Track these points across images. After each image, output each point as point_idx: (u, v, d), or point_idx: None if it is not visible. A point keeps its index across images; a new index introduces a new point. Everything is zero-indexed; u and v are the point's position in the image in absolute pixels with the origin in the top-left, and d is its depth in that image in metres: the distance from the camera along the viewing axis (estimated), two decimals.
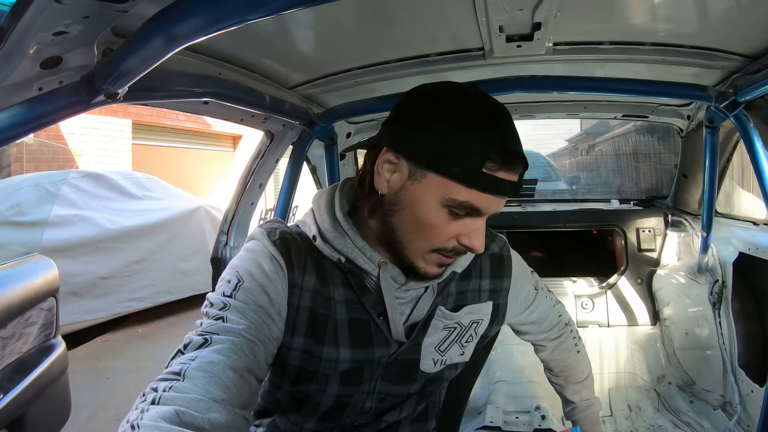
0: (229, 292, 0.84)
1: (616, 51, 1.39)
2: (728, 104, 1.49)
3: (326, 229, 0.91)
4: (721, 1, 1.13)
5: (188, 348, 0.77)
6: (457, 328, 1.01)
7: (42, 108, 0.84)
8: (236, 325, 0.80)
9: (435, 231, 0.83)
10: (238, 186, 1.81)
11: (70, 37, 0.79)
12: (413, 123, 0.83)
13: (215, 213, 6.04)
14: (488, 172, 0.78)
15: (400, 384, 0.98)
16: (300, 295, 0.89)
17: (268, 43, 1.28)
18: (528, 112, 2.29)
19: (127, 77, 0.84)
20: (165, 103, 1.29)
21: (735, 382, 2.11)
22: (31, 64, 0.81)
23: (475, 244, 0.83)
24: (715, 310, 2.25)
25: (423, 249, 0.85)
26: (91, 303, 4.67)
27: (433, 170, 0.80)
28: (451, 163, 0.78)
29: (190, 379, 0.72)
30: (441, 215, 0.81)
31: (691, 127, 2.24)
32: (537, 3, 1.08)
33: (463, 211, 0.81)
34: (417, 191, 0.82)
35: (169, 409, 0.66)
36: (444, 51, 1.44)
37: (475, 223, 0.83)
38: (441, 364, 1.00)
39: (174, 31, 0.74)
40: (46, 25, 0.74)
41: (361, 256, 0.90)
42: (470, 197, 0.79)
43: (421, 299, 0.95)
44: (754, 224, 2.08)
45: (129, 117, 8.61)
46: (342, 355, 0.92)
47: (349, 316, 0.92)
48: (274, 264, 0.88)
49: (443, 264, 0.88)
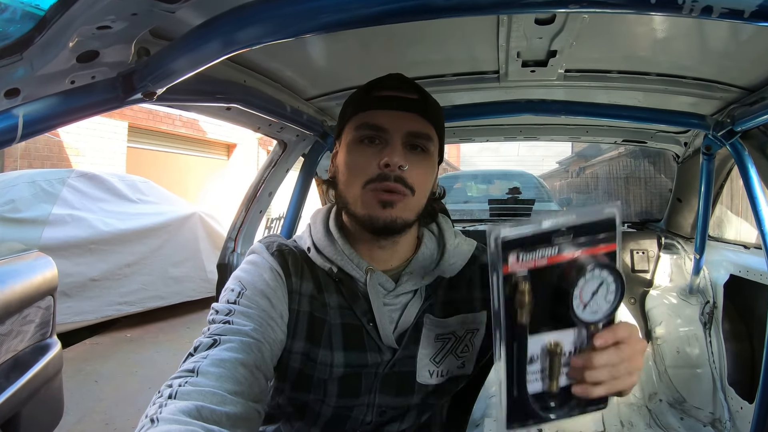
0: (233, 299, 0.89)
1: (623, 80, 1.46)
2: (725, 133, 1.56)
3: (319, 240, 0.99)
4: (722, 37, 1.19)
5: (198, 350, 0.80)
6: (451, 338, 1.01)
7: (76, 102, 0.85)
8: (243, 327, 0.84)
9: (358, 165, 0.92)
10: (247, 194, 1.83)
11: (112, 32, 0.80)
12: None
13: (209, 220, 6.02)
14: (373, 95, 0.94)
15: (398, 396, 0.99)
16: (299, 301, 0.95)
17: (291, 54, 1.32)
18: (532, 134, 2.35)
19: (170, 77, 0.86)
20: (191, 106, 1.33)
21: (725, 399, 2.17)
22: (69, 56, 0.81)
23: (391, 159, 0.89)
24: (705, 330, 2.32)
25: (358, 191, 0.91)
26: (80, 304, 4.62)
27: (344, 123, 0.98)
28: (350, 105, 0.98)
29: (204, 375, 0.74)
30: (357, 149, 0.93)
31: (687, 153, 2.32)
32: (556, 32, 1.14)
33: (368, 132, 0.92)
34: (341, 150, 0.97)
35: (188, 404, 0.68)
36: (460, 72, 1.49)
37: (387, 147, 0.91)
38: (438, 375, 1.00)
39: (230, 37, 0.76)
40: (92, 18, 0.75)
41: (349, 264, 0.95)
42: (365, 118, 0.92)
43: (409, 305, 0.98)
44: (744, 247, 2.16)
45: (125, 119, 8.57)
46: (336, 359, 0.94)
47: (343, 321, 0.96)
48: (274, 273, 0.94)
49: (383, 201, 0.89)
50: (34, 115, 0.79)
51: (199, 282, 5.67)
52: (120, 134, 8.52)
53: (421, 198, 0.94)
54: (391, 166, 0.88)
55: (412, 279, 0.98)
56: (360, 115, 0.93)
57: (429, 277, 0.99)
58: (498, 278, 0.66)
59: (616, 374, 0.68)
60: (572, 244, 0.67)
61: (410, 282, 0.98)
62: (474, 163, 17.17)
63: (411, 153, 0.92)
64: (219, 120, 1.49)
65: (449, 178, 6.24)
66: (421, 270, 1.00)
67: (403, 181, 0.90)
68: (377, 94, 0.94)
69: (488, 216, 3.52)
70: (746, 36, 1.16)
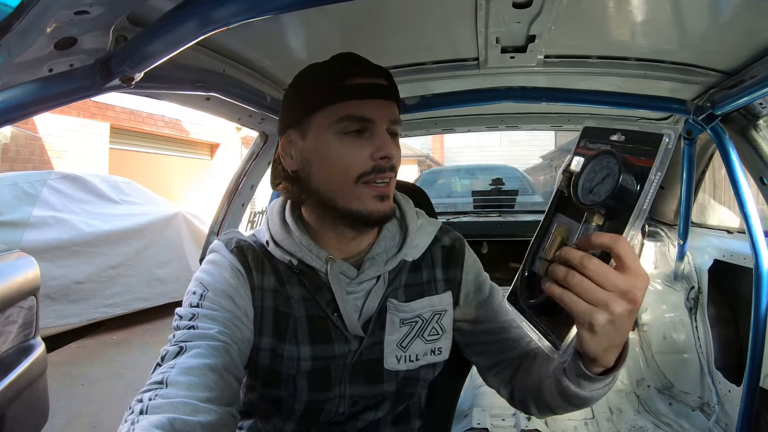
0: (195, 302, 0.88)
1: (602, 65, 1.45)
2: (705, 117, 1.57)
3: (276, 233, 0.97)
4: (701, 21, 1.20)
5: (165, 359, 0.79)
6: (418, 321, 1.00)
7: (54, 89, 0.84)
8: (208, 330, 0.83)
9: (347, 160, 0.88)
10: (229, 187, 1.80)
11: (89, 18, 0.79)
12: (286, 104, 0.96)
13: (193, 220, 5.97)
14: (349, 83, 0.87)
15: (369, 385, 0.99)
16: (262, 296, 0.94)
17: (269, 43, 1.30)
18: (513, 123, 2.34)
19: (147, 61, 0.85)
20: (171, 95, 1.30)
21: (712, 383, 2.19)
22: (46, 43, 0.80)
23: (388, 151, 0.87)
24: (691, 315, 2.33)
25: (349, 186, 0.88)
26: (65, 308, 4.57)
27: (311, 113, 0.90)
28: (319, 95, 0.89)
29: (173, 385, 0.73)
30: (342, 142, 0.88)
31: None
32: (534, 16, 1.13)
33: (355, 125, 0.88)
34: (312, 141, 0.90)
35: (161, 418, 0.66)
36: (439, 60, 1.48)
37: (377, 138, 0.88)
38: (406, 360, 0.99)
39: (205, 17, 0.75)
40: (70, 2, 0.73)
41: (308, 254, 0.94)
42: (348, 109, 0.87)
43: (372, 291, 0.97)
44: (728, 232, 2.18)
45: (107, 120, 8.48)
46: (303, 353, 0.94)
47: (308, 313, 0.95)
48: (234, 271, 0.93)
49: (381, 195, 0.89)
50: (11, 101, 0.79)
51: (185, 283, 5.46)
52: (102, 135, 8.43)
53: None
54: (389, 157, 0.88)
55: (374, 265, 0.97)
56: (339, 105, 0.87)
57: (392, 262, 0.98)
58: (570, 157, 0.76)
59: (568, 280, 0.63)
60: (622, 147, 0.71)
61: (373, 268, 0.96)
62: (458, 158, 17.24)
63: (392, 139, 0.92)
64: (199, 111, 1.47)
65: (433, 173, 6.23)
66: (383, 255, 0.99)
67: (393, 169, 0.91)
68: (355, 81, 0.88)
69: (472, 209, 3.51)
70: (725, 19, 1.17)
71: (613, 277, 0.62)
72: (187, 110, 1.57)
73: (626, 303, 0.62)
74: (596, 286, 0.62)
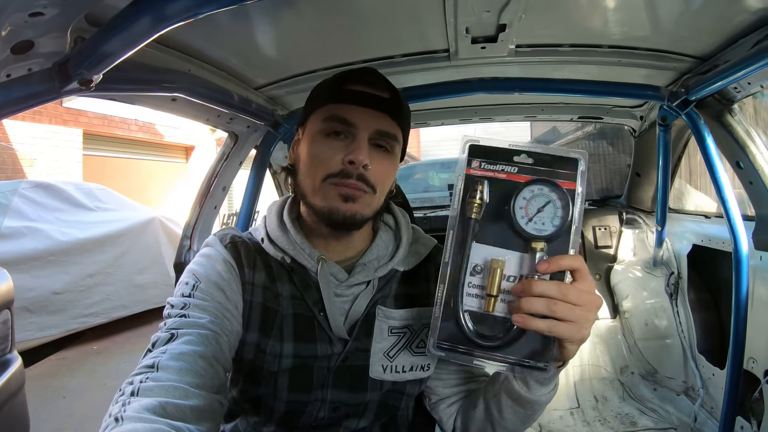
0: (188, 293, 0.89)
1: (575, 53, 1.44)
2: (680, 103, 1.57)
3: (272, 230, 1.00)
4: (673, 7, 1.19)
5: (156, 345, 0.80)
6: (406, 332, 0.99)
7: (11, 94, 0.83)
8: (199, 319, 0.84)
9: (319, 158, 0.91)
10: (200, 189, 1.77)
11: (45, 19, 0.77)
12: None
13: (170, 224, 5.90)
14: (345, 87, 0.92)
15: (352, 392, 0.98)
16: (252, 291, 0.96)
17: (236, 41, 1.28)
18: (487, 115, 2.33)
19: (104, 62, 0.83)
20: (135, 96, 1.28)
21: (696, 367, 2.21)
22: (2, 48, 0.79)
23: (356, 156, 0.88)
24: (672, 301, 2.36)
25: (317, 184, 0.91)
26: (44, 319, 4.46)
27: (310, 112, 0.96)
28: (318, 96, 0.96)
29: (164, 370, 0.74)
30: (322, 141, 0.92)
31: (643, 127, 2.34)
32: (504, 5, 1.11)
33: (337, 126, 0.91)
34: (306, 138, 0.96)
35: (152, 401, 0.67)
36: (409, 52, 1.46)
37: (354, 143, 0.90)
38: (392, 371, 0.98)
39: (159, 13, 0.74)
40: (23, 4, 0.72)
41: (301, 253, 0.96)
42: (334, 110, 0.91)
43: (360, 296, 0.97)
44: (705, 217, 2.19)
45: (80, 126, 8.30)
46: (285, 349, 0.94)
47: (295, 311, 0.96)
48: (227, 265, 0.95)
49: (344, 195, 0.90)
50: None
51: (164, 288, 5.54)
52: (75, 142, 8.25)
53: (380, 196, 0.96)
54: (355, 163, 0.88)
55: (365, 270, 0.98)
56: (329, 106, 0.92)
57: (383, 269, 0.99)
58: (461, 179, 0.74)
59: (556, 311, 0.67)
60: (532, 169, 0.72)
61: (363, 273, 0.97)
62: (435, 152, 17.26)
63: (375, 151, 0.92)
64: (165, 112, 1.43)
65: (408, 168, 6.19)
66: (375, 261, 1.00)
67: (364, 179, 0.90)
68: (349, 87, 0.93)
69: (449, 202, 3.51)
70: (698, 5, 1.16)
71: (585, 295, 0.69)
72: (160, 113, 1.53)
73: (596, 308, 0.70)
74: (577, 308, 0.68)
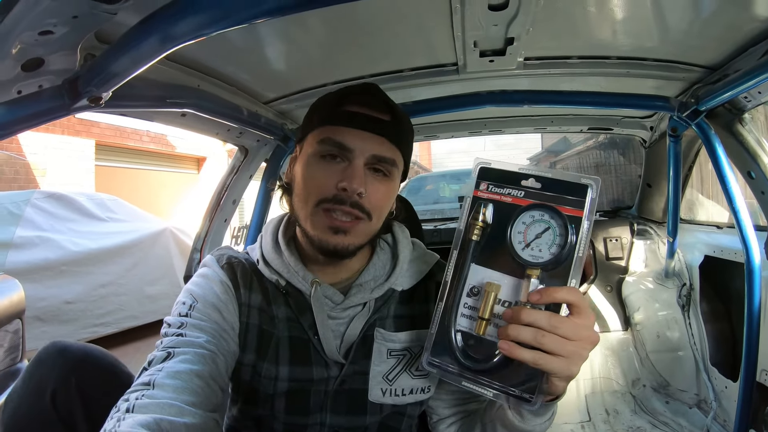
0: (185, 312, 0.89)
1: (583, 65, 1.44)
2: (690, 113, 1.56)
3: (267, 252, 0.98)
4: (682, 17, 1.19)
5: (153, 363, 0.80)
6: (406, 355, 0.97)
7: (22, 111, 0.84)
8: (195, 339, 0.84)
9: (313, 182, 0.89)
10: (210, 202, 1.79)
11: (55, 38, 0.78)
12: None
13: (181, 235, 5.89)
14: (343, 108, 0.89)
15: (350, 416, 0.95)
16: (248, 313, 0.95)
17: (245, 56, 1.29)
18: (497, 127, 2.33)
19: (113, 80, 0.84)
20: (144, 112, 1.28)
21: (708, 379, 2.18)
22: (13, 65, 0.80)
23: (350, 183, 0.86)
24: (684, 312, 2.33)
25: (309, 209, 0.89)
26: (56, 329, 4.45)
27: (308, 131, 0.93)
28: (316, 115, 0.93)
29: (160, 387, 0.74)
30: (317, 164, 0.89)
31: (654, 137, 2.33)
32: (511, 19, 1.12)
33: (332, 149, 0.88)
34: (302, 158, 0.94)
35: (147, 417, 0.67)
36: (418, 66, 1.47)
37: (350, 169, 0.87)
38: (392, 394, 0.96)
39: (168, 32, 0.74)
40: (33, 23, 0.73)
41: (295, 276, 0.94)
42: (331, 133, 0.88)
43: (355, 318, 0.96)
44: (717, 228, 2.17)
45: (92, 137, 8.39)
46: (281, 373, 0.93)
47: (290, 333, 0.95)
48: (224, 286, 0.94)
49: (335, 228, 0.87)
50: None
51: (175, 299, 5.47)
52: (87, 153, 8.33)
53: (377, 222, 0.93)
54: (348, 191, 0.86)
55: (361, 291, 0.96)
56: (326, 127, 0.89)
57: (379, 290, 0.97)
58: (468, 201, 0.75)
59: (543, 343, 0.64)
60: (539, 194, 0.71)
61: (359, 294, 0.95)
62: (446, 163, 17.29)
63: (372, 176, 0.90)
64: (174, 127, 1.44)
65: (419, 179, 6.19)
66: (371, 282, 0.98)
67: (359, 206, 0.88)
68: (347, 108, 0.89)
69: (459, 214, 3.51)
70: (707, 14, 1.16)
71: (580, 329, 0.66)
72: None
73: (591, 345, 0.67)
74: (569, 342, 0.65)
